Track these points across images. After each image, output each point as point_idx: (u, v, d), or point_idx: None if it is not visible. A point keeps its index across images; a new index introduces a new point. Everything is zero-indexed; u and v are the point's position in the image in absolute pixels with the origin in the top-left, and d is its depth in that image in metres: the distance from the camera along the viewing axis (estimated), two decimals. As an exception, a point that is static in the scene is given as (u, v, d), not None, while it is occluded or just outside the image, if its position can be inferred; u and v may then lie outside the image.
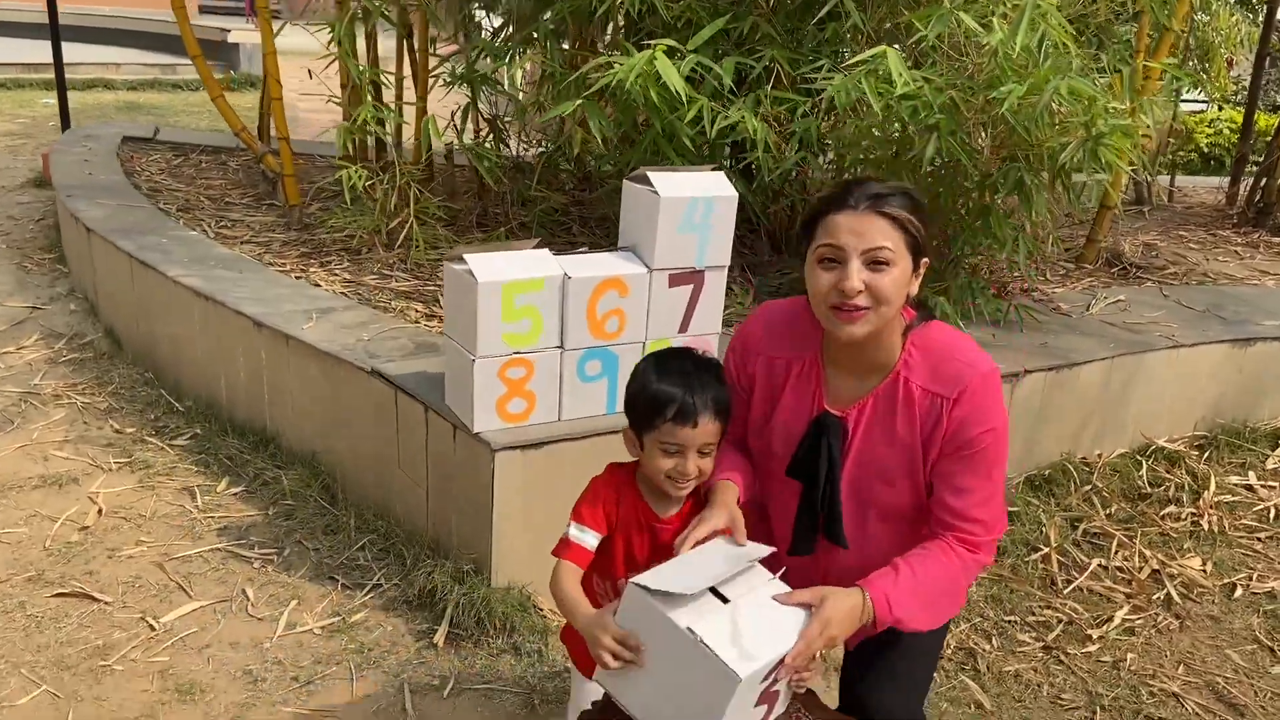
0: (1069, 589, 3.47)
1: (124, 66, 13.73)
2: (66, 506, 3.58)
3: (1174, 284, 5.30)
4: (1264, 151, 7.40)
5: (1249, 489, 4.17)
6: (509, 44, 4.68)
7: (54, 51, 7.76)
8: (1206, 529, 3.87)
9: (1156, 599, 3.48)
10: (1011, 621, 3.30)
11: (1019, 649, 3.18)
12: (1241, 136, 7.62)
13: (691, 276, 3.11)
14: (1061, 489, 3.96)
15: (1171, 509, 3.95)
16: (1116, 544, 3.70)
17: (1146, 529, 3.82)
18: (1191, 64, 6.95)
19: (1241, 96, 9.77)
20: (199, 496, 3.68)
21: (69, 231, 5.61)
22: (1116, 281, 5.29)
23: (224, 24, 14.38)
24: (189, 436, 4.07)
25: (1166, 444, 4.31)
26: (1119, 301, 4.80)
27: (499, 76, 4.84)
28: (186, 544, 3.42)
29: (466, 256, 2.85)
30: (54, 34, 7.72)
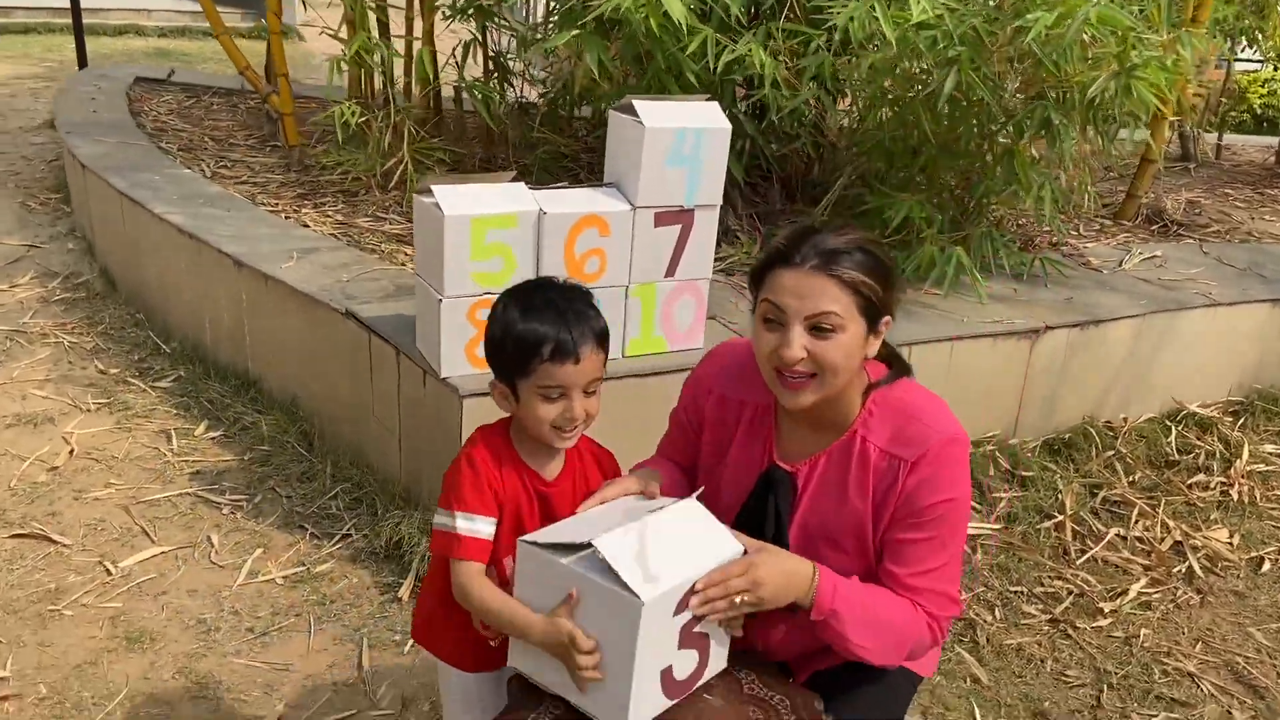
0: (1082, 559, 3.25)
1: (155, 13, 13.61)
2: (38, 446, 3.47)
3: (1215, 241, 4.99)
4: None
5: (1286, 459, 3.91)
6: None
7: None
8: (1236, 499, 3.62)
9: (1177, 572, 3.25)
10: (1017, 592, 3.09)
11: (1023, 621, 2.97)
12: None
13: (679, 216, 2.90)
14: (1082, 454, 3.72)
15: (1200, 477, 3.71)
16: (1138, 513, 3.46)
17: (1171, 498, 3.58)
18: (1246, 22, 6.54)
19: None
20: (175, 440, 3.56)
21: (71, 170, 5.50)
22: (1155, 239, 4.99)
23: (256, -30, 14.21)
24: (173, 379, 3.95)
25: (1199, 409, 4.05)
26: (1154, 257, 4.52)
27: (504, 13, 4.62)
28: (156, 488, 3.30)
29: (434, 188, 2.66)
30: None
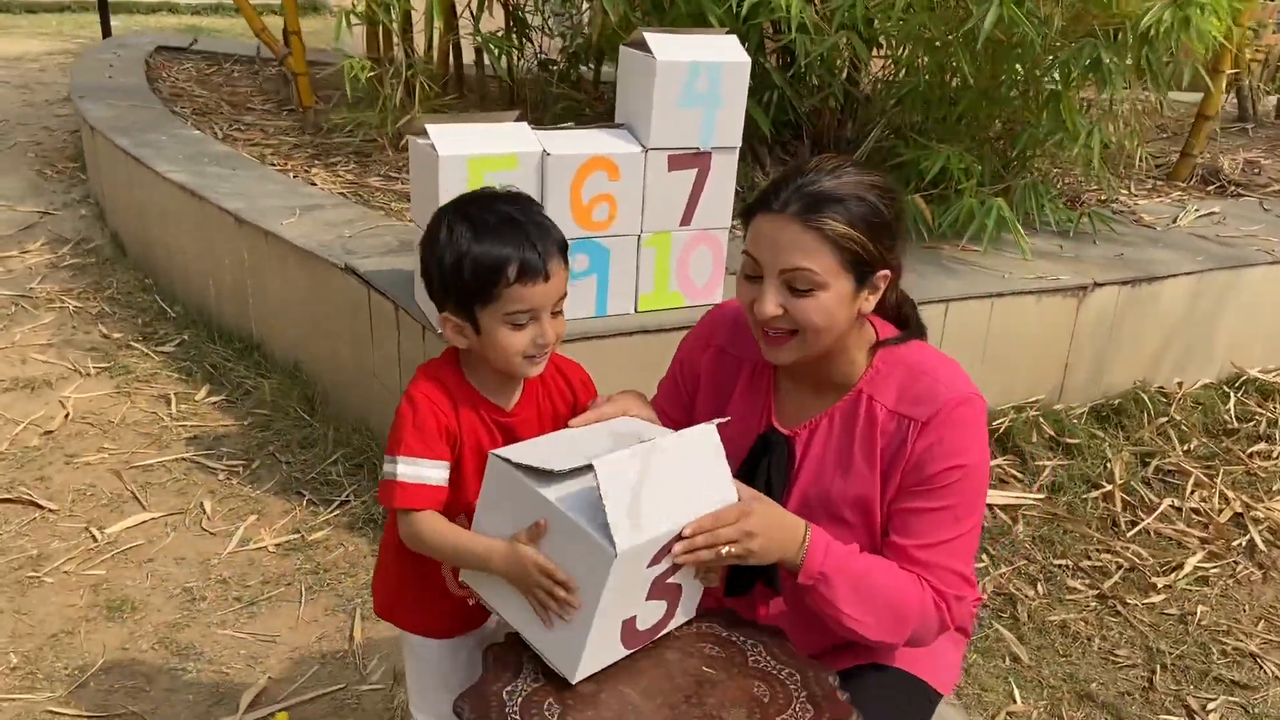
0: (1133, 532, 3.01)
1: (189, -11, 13.57)
2: (34, 410, 3.35)
3: (1278, 200, 4.69)
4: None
5: (1355, 427, 3.63)
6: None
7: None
8: (1302, 470, 3.36)
9: (1237, 545, 3.00)
10: (1062, 566, 2.86)
11: (1068, 597, 2.75)
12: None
13: (695, 159, 2.69)
14: (1133, 421, 3.47)
15: (1261, 446, 3.44)
16: (1193, 483, 3.22)
17: (1230, 468, 3.32)
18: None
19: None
20: (174, 404, 3.42)
21: (85, 135, 5.39)
22: (1212, 198, 4.70)
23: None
24: (176, 343, 3.81)
25: (1260, 374, 3.77)
26: (1212, 214, 4.24)
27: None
28: (151, 453, 3.16)
29: (430, 128, 2.47)
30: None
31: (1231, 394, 3.67)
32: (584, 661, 1.36)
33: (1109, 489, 3.14)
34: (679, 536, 1.34)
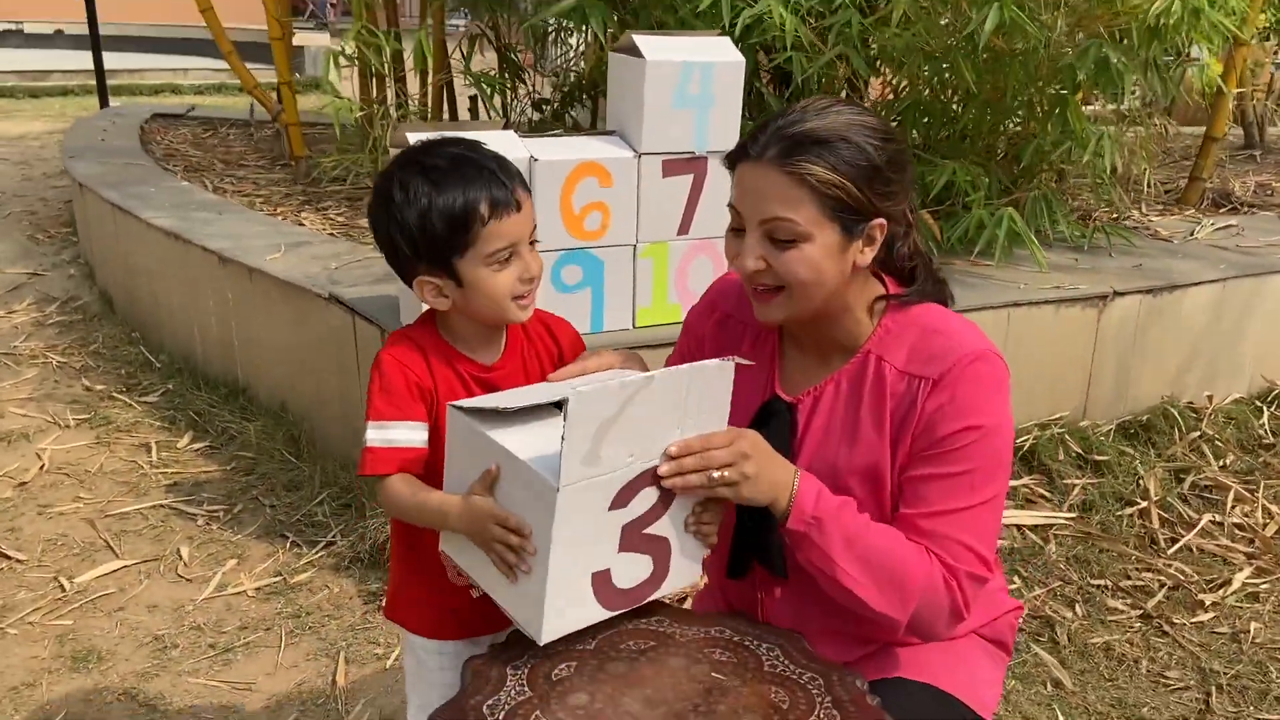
0: (1174, 549, 2.81)
1: (191, 72, 13.76)
2: (8, 463, 3.19)
3: (1296, 216, 4.55)
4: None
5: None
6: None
7: (90, 25, 7.70)
8: (1348, 482, 3.17)
9: (1287, 561, 2.80)
10: (1100, 586, 2.66)
11: (1110, 618, 2.54)
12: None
13: (690, 164, 2.57)
14: (1163, 437, 3.28)
15: (1302, 460, 3.25)
16: (1234, 497, 3.02)
17: (1271, 481, 3.13)
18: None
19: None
20: (155, 452, 3.26)
21: (74, 195, 5.32)
22: (1226, 217, 4.56)
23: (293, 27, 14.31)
24: (160, 393, 3.67)
25: (1293, 388, 3.60)
26: (1230, 226, 4.10)
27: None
28: (128, 501, 2.99)
29: (409, 135, 2.35)
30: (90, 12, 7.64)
31: (1265, 408, 3.49)
32: (549, 617, 1.21)
33: (1144, 505, 2.95)
34: (668, 458, 1.21)
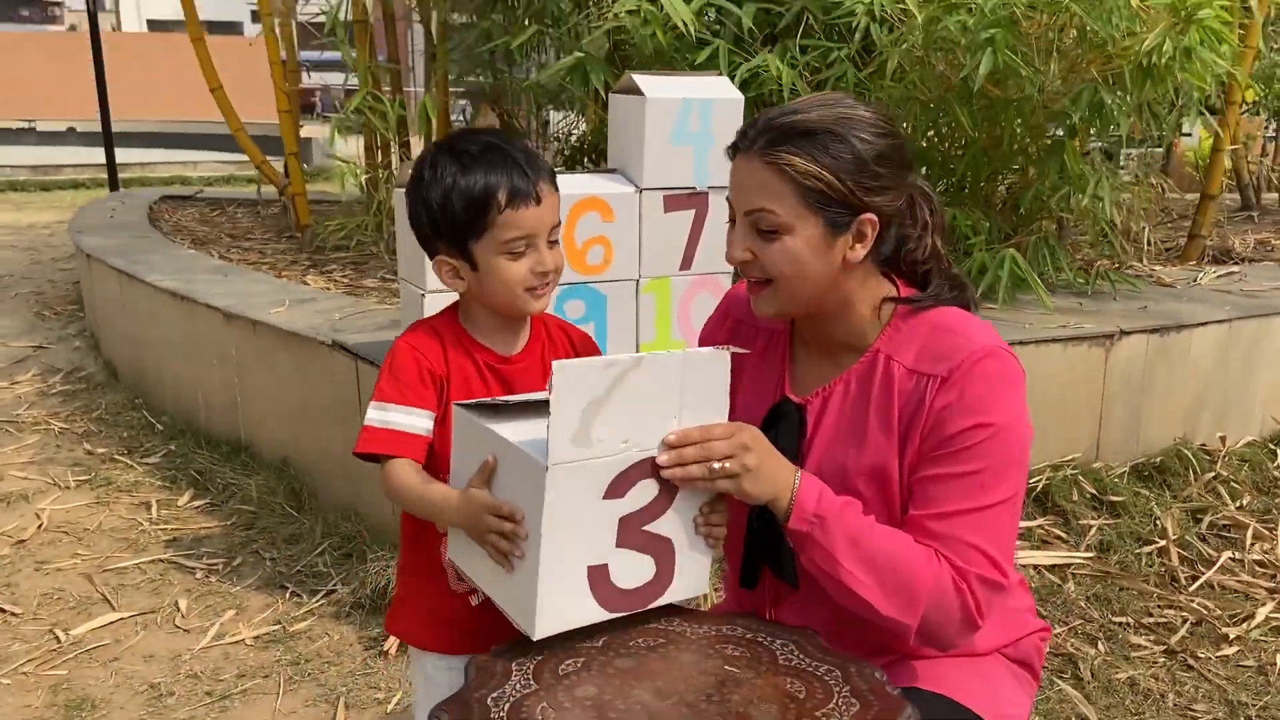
0: (1195, 585, 2.75)
1: (201, 164, 14.01)
2: (6, 522, 3.15)
3: (1297, 266, 4.56)
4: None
5: None
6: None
7: (102, 120, 7.86)
8: (1368, 520, 3.10)
9: (1312, 596, 2.73)
10: (1122, 624, 2.59)
11: (1134, 654, 2.46)
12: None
13: (692, 199, 2.58)
14: (1178, 479, 3.23)
15: (1320, 500, 3.20)
16: (1252, 535, 2.96)
17: (1290, 520, 3.08)
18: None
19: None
20: (155, 510, 3.22)
21: (80, 268, 5.37)
22: (1227, 267, 4.57)
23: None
24: (161, 454, 3.64)
25: (1305, 430, 3.56)
26: (1232, 274, 4.10)
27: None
28: (126, 556, 2.94)
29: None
30: (102, 98, 7.81)
31: (1278, 451, 3.45)
32: (542, 607, 1.18)
33: (1162, 544, 2.89)
34: (667, 447, 1.18)
